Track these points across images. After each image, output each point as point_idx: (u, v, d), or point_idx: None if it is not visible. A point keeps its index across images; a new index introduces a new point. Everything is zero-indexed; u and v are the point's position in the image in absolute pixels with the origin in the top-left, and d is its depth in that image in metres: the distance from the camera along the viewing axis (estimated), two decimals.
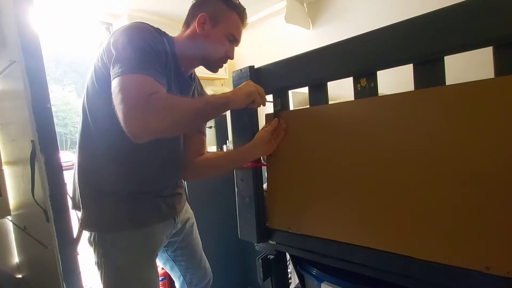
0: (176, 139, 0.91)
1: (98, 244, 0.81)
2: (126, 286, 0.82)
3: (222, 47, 0.85)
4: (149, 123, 0.64)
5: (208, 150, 1.04)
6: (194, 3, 0.86)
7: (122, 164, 0.80)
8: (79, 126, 0.83)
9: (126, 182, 0.81)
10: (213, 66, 0.89)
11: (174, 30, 0.92)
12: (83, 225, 0.82)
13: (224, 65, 0.92)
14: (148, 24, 0.76)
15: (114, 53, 0.69)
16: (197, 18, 0.82)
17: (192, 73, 0.95)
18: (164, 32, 0.82)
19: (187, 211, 1.05)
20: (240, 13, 0.85)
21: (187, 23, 0.86)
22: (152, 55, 0.70)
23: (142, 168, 0.82)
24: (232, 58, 0.89)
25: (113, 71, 0.67)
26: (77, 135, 0.85)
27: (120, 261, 0.81)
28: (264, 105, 0.84)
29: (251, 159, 0.89)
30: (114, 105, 0.66)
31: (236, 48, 0.91)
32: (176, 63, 0.84)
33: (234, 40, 0.86)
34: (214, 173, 1.02)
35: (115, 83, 0.66)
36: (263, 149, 0.87)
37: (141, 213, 0.83)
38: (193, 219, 1.09)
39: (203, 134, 1.02)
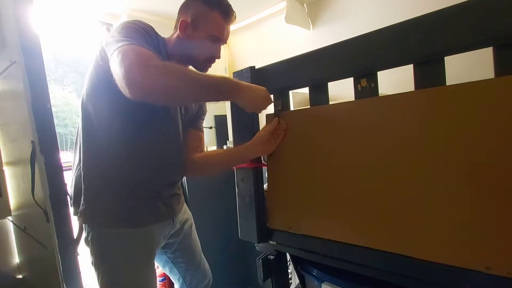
0: (177, 141, 0.91)
1: (95, 243, 0.81)
2: (123, 286, 0.81)
3: (206, 49, 0.86)
4: (151, 74, 0.63)
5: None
6: (179, 7, 0.87)
7: (123, 164, 0.80)
8: (79, 125, 0.83)
9: (126, 182, 0.81)
10: (200, 66, 0.89)
11: (173, 30, 0.92)
12: (81, 217, 0.82)
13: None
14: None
15: (112, 39, 0.70)
16: (179, 23, 0.83)
17: None
18: (156, 32, 0.83)
19: (185, 212, 1.06)
20: (223, 10, 0.83)
21: (175, 27, 0.88)
22: (147, 38, 0.73)
23: (142, 169, 0.82)
24: (218, 57, 0.89)
25: (111, 49, 0.67)
26: (77, 134, 0.85)
27: (117, 261, 0.81)
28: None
29: (250, 157, 0.90)
30: (113, 88, 0.64)
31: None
32: (168, 60, 0.85)
33: (218, 40, 0.85)
34: (212, 170, 1.05)
35: (114, 56, 0.65)
36: (263, 148, 0.87)
37: (139, 212, 0.83)
38: (191, 220, 1.09)
39: (201, 130, 1.04)
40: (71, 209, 0.89)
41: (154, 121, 0.83)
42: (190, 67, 0.90)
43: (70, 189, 0.89)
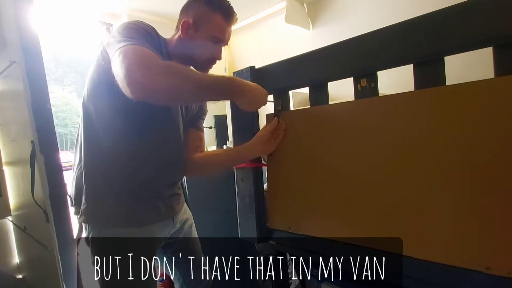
0: (178, 141, 0.91)
1: (95, 243, 0.81)
2: (123, 286, 0.81)
3: (207, 50, 0.86)
4: (152, 74, 0.62)
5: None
6: (181, 8, 0.87)
7: (124, 164, 0.80)
8: (80, 125, 0.83)
9: (127, 182, 0.81)
10: (201, 67, 0.89)
11: (173, 30, 0.92)
12: (83, 216, 0.82)
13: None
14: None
15: (113, 39, 0.69)
16: (181, 24, 0.84)
17: None
18: (158, 33, 0.83)
19: (185, 212, 1.06)
20: (224, 11, 0.83)
21: (176, 27, 0.88)
22: (149, 38, 0.73)
23: (143, 169, 0.82)
24: (219, 59, 0.89)
25: (112, 50, 0.67)
26: (78, 134, 0.85)
27: (117, 261, 0.81)
28: None
29: (250, 157, 0.90)
30: (114, 85, 0.64)
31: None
32: (169, 61, 0.85)
33: (219, 41, 0.86)
34: (212, 170, 1.05)
35: (115, 56, 0.65)
36: (262, 148, 0.87)
37: (139, 212, 0.83)
38: (191, 220, 1.09)
39: (201, 130, 1.04)
40: (72, 209, 0.89)
41: (155, 121, 0.83)
42: (191, 67, 0.90)
43: (70, 188, 0.89)
